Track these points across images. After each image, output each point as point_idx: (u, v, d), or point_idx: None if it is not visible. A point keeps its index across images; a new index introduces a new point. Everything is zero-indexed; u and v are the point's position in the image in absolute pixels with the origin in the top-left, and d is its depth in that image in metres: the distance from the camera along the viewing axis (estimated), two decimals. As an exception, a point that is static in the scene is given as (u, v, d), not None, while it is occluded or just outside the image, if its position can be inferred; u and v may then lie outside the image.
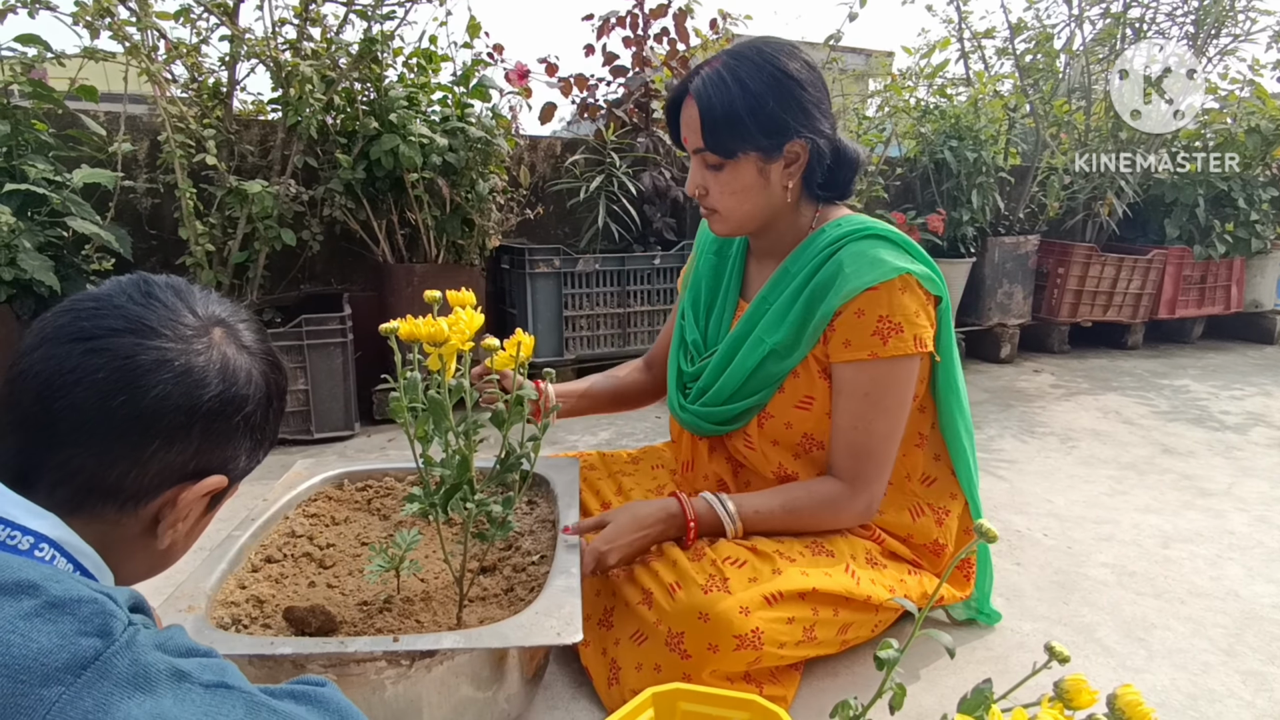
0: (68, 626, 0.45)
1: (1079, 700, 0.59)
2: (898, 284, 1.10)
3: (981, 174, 3.32)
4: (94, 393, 0.55)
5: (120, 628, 0.47)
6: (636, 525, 1.11)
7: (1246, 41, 3.85)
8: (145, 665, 0.45)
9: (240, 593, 1.03)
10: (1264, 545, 1.67)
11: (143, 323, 0.58)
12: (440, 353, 0.95)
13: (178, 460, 0.58)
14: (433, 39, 2.39)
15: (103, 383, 0.55)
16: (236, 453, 0.63)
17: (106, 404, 0.55)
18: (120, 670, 0.44)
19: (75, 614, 0.46)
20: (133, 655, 0.45)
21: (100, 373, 0.55)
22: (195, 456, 0.59)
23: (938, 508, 1.25)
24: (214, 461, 0.61)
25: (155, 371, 0.56)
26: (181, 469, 0.59)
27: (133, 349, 0.56)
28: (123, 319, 0.58)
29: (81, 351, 0.56)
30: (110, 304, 0.58)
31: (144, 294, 0.60)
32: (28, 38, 1.90)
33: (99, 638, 0.45)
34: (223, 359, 0.61)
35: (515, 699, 1.00)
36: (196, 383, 0.58)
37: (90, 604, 0.47)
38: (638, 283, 2.79)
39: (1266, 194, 3.76)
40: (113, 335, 0.57)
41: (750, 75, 1.09)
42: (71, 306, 0.58)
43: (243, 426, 0.62)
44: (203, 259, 2.11)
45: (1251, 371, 3.44)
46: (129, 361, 0.56)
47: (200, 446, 0.59)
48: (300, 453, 2.18)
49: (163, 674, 0.46)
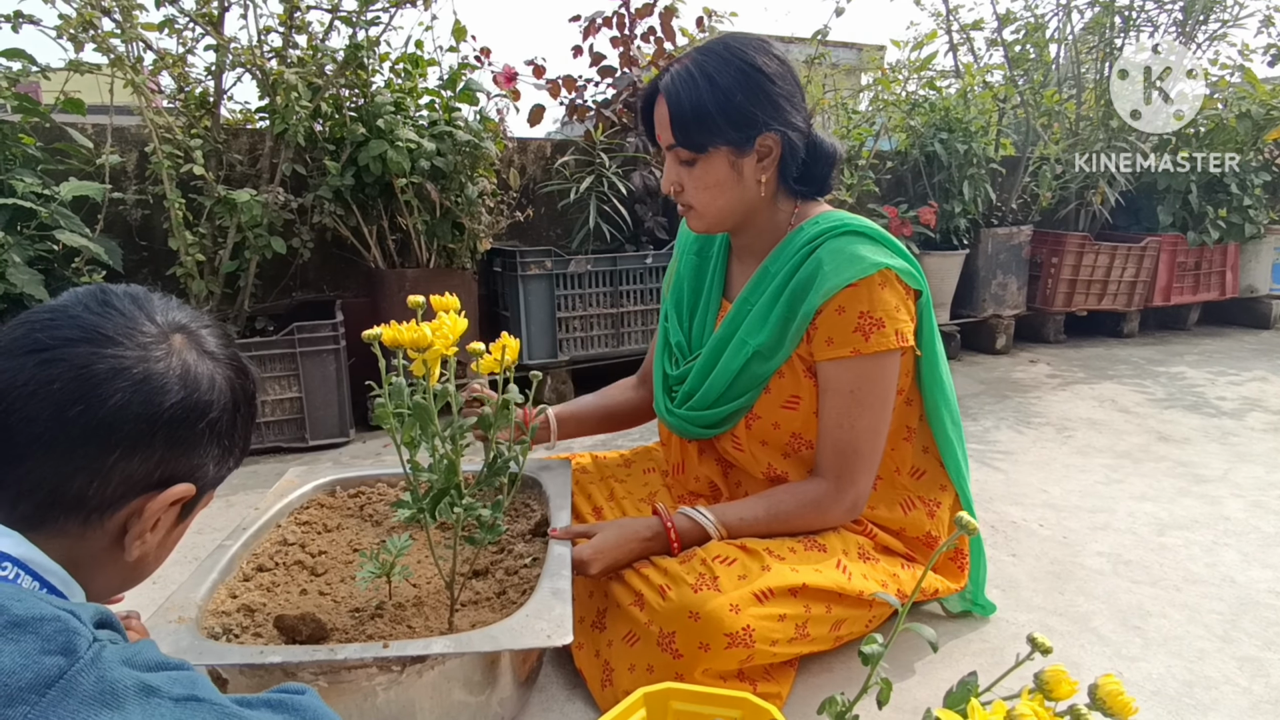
0: (30, 645, 0.45)
1: (1059, 691, 0.59)
2: (877, 279, 1.10)
3: (973, 165, 3.32)
4: (50, 404, 0.54)
5: (85, 645, 0.46)
6: (621, 540, 1.11)
7: (1235, 27, 3.85)
8: (111, 682, 0.45)
9: (231, 602, 1.02)
10: (1260, 530, 1.67)
11: (99, 331, 0.57)
12: (424, 358, 0.95)
13: (140, 470, 0.58)
14: (418, 43, 2.38)
15: (58, 394, 0.54)
16: (204, 460, 0.62)
17: (63, 415, 0.54)
18: (86, 688, 0.44)
19: (38, 632, 0.45)
20: (98, 672, 0.45)
21: (56, 384, 0.54)
22: (159, 465, 0.58)
23: (929, 500, 1.25)
24: (180, 470, 0.60)
25: (112, 380, 0.55)
26: (145, 478, 0.58)
27: (88, 358, 0.55)
28: (78, 329, 0.57)
29: (36, 363, 0.55)
30: (65, 314, 0.57)
31: (101, 303, 0.59)
32: (12, 52, 1.90)
33: (62, 655, 0.45)
34: (183, 366, 0.60)
35: (509, 702, 1.00)
36: (156, 390, 0.57)
37: (53, 622, 0.46)
38: (630, 282, 2.78)
39: (1259, 179, 3.76)
40: (68, 345, 0.56)
41: (718, 70, 1.09)
42: (26, 319, 0.58)
43: (208, 433, 0.61)
44: (193, 269, 2.11)
45: (1248, 357, 3.44)
46: (84, 371, 0.55)
47: (164, 455, 0.58)
48: (295, 460, 2.18)
49: (130, 690, 0.46)
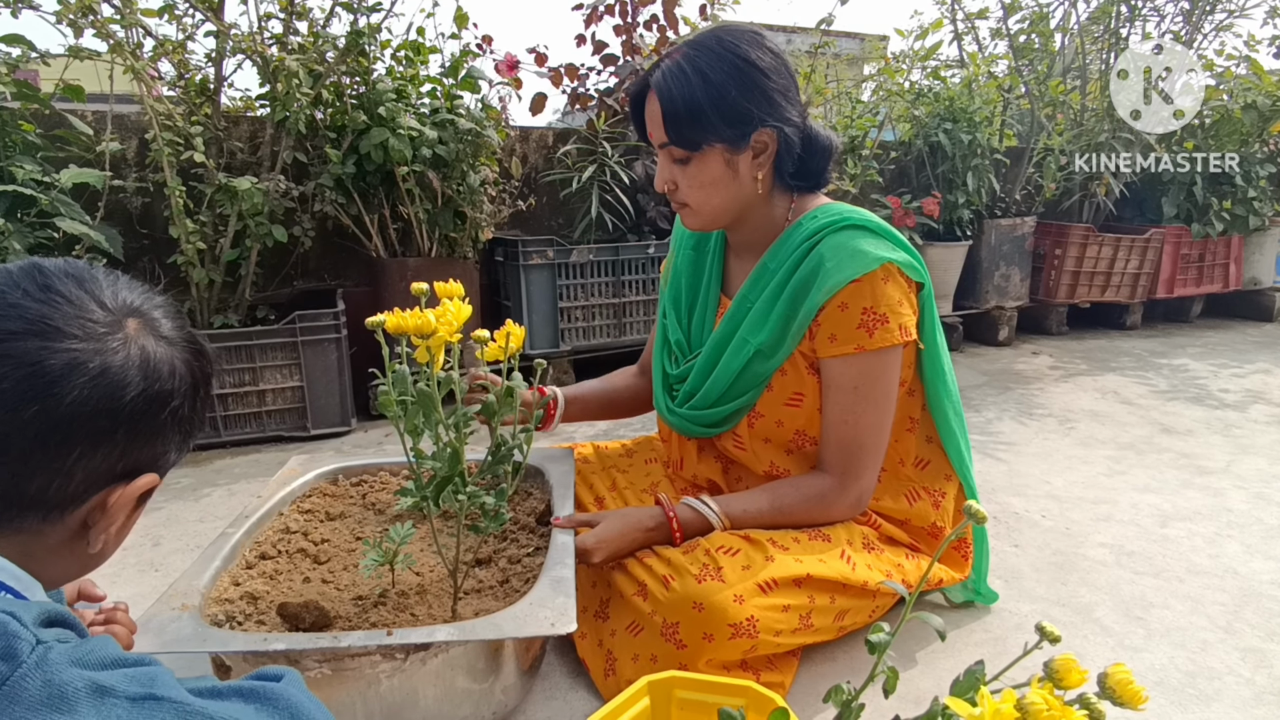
0: None
1: (1069, 680, 0.58)
2: (880, 274, 1.09)
3: (977, 156, 3.30)
4: (0, 405, 0.50)
5: (27, 648, 0.44)
6: (624, 530, 1.11)
7: (1242, 17, 3.83)
8: (60, 684, 0.43)
9: (234, 589, 1.02)
10: (1263, 522, 1.67)
11: (46, 322, 0.52)
12: (428, 345, 0.94)
13: (104, 465, 0.55)
14: (420, 31, 2.37)
15: (9, 394, 0.50)
16: (166, 448, 0.59)
17: (17, 417, 0.50)
18: (31, 692, 0.42)
19: None
20: (44, 675, 0.43)
21: (4, 383, 0.50)
22: (123, 458, 0.56)
23: (933, 490, 1.25)
24: (143, 460, 0.58)
25: (68, 376, 0.51)
26: (109, 472, 0.55)
27: (39, 354, 0.51)
28: (21, 320, 0.51)
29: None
30: (4, 302, 0.52)
31: (42, 288, 0.53)
32: (12, 38, 1.89)
33: (3, 661, 0.43)
34: (142, 354, 0.56)
35: (512, 690, 1.00)
36: (116, 383, 0.53)
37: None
38: (632, 272, 2.78)
39: (1264, 170, 3.74)
40: (12, 339, 0.51)
41: (710, 65, 1.06)
42: None
43: (170, 421, 0.58)
44: (194, 257, 2.10)
45: (1251, 349, 3.43)
46: (36, 369, 0.51)
47: (127, 448, 0.56)
48: (296, 449, 2.18)
49: (81, 691, 0.44)
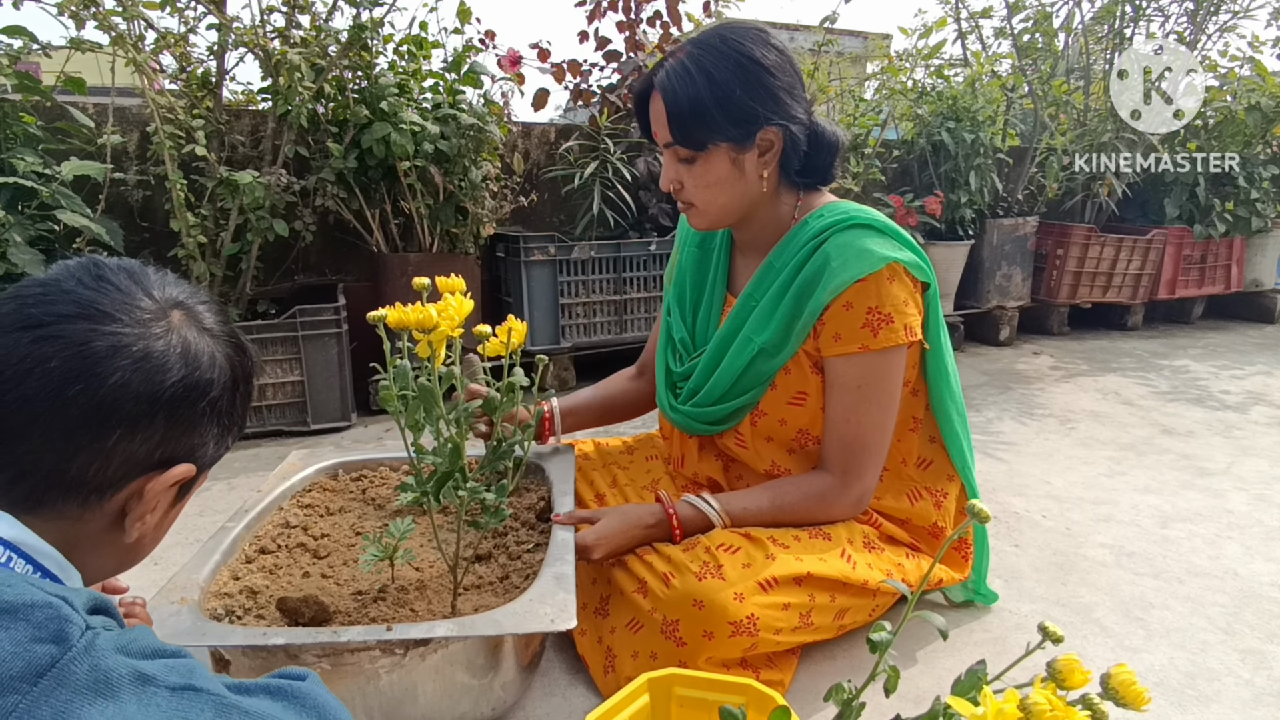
0: (21, 633, 0.43)
1: (1072, 680, 0.58)
2: (885, 274, 1.09)
3: (979, 155, 3.29)
4: (47, 383, 0.52)
5: (77, 632, 0.45)
6: (625, 527, 1.11)
7: (1246, 18, 3.82)
8: (106, 670, 0.44)
9: (234, 584, 1.02)
10: (1263, 524, 1.67)
11: (95, 307, 0.55)
12: (429, 339, 0.94)
13: (142, 450, 0.56)
14: (423, 25, 2.36)
15: (56, 372, 0.52)
16: (204, 440, 0.61)
17: (62, 394, 0.52)
18: (79, 676, 0.43)
19: (29, 619, 0.44)
20: (92, 660, 0.44)
21: (52, 361, 0.52)
22: (160, 445, 0.57)
23: (935, 490, 1.25)
24: (180, 450, 0.59)
25: (112, 358, 0.54)
26: (147, 459, 0.57)
27: (86, 335, 0.53)
28: (74, 304, 0.54)
29: (31, 340, 0.53)
30: (59, 289, 0.55)
31: (95, 277, 0.57)
32: (13, 29, 1.88)
33: (54, 644, 0.44)
34: (184, 343, 0.58)
35: (511, 686, 1.00)
36: (157, 368, 0.56)
37: (44, 608, 0.45)
38: (634, 269, 2.77)
39: (1267, 172, 3.73)
40: (63, 321, 0.54)
41: (715, 64, 1.06)
42: (16, 293, 0.55)
43: (209, 412, 0.60)
44: (195, 251, 2.10)
45: (1252, 351, 3.42)
46: (83, 348, 0.53)
47: (165, 435, 0.57)
48: (296, 443, 2.17)
49: (125, 678, 0.44)
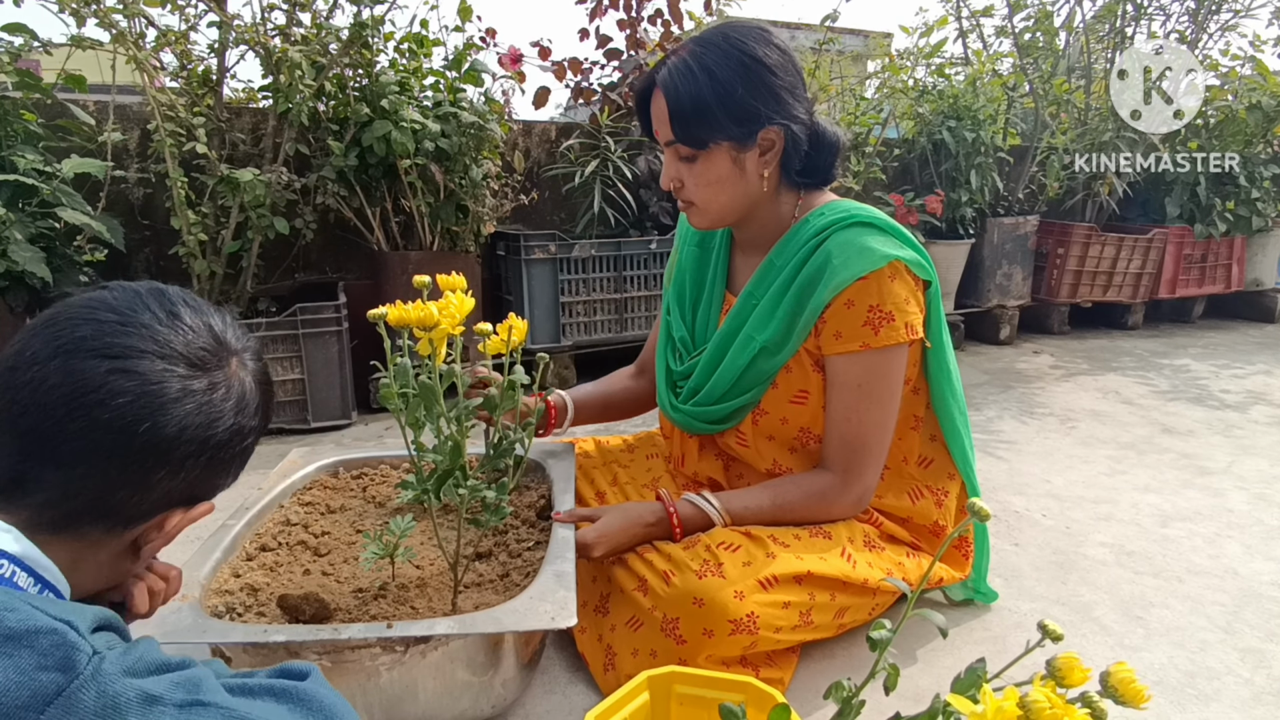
0: (26, 661, 0.43)
1: (1071, 678, 0.58)
2: (887, 272, 1.09)
3: (980, 154, 3.29)
4: (118, 417, 0.53)
5: (84, 659, 0.44)
6: (625, 525, 1.11)
7: (1247, 17, 3.81)
8: (113, 696, 0.44)
9: (234, 581, 1.02)
10: (1263, 523, 1.67)
11: (171, 347, 0.56)
12: (430, 337, 0.94)
13: (180, 488, 0.58)
14: (424, 23, 2.36)
15: (127, 408, 0.54)
16: (228, 478, 0.63)
17: (128, 430, 0.54)
18: (87, 705, 0.43)
19: (34, 647, 0.43)
20: (99, 687, 0.44)
21: (125, 396, 0.53)
22: (195, 484, 0.59)
23: (936, 489, 1.25)
24: (207, 489, 0.61)
25: (180, 401, 0.56)
26: (180, 495, 0.59)
27: (161, 375, 0.55)
28: (151, 340, 0.56)
29: (108, 370, 0.54)
30: (136, 321, 0.56)
31: (169, 314, 0.58)
32: (14, 26, 1.88)
33: (60, 672, 0.43)
34: (241, 391, 0.61)
35: (511, 684, 1.00)
36: (216, 416, 0.58)
37: (49, 635, 0.44)
38: (634, 268, 2.77)
39: (1268, 171, 3.73)
40: (140, 357, 0.55)
41: (717, 63, 1.06)
42: (91, 316, 0.56)
43: (241, 455, 0.63)
44: (196, 248, 2.10)
45: (1252, 350, 3.42)
46: (157, 389, 0.55)
47: (203, 475, 0.59)
48: (297, 441, 2.17)
49: (133, 702, 0.44)
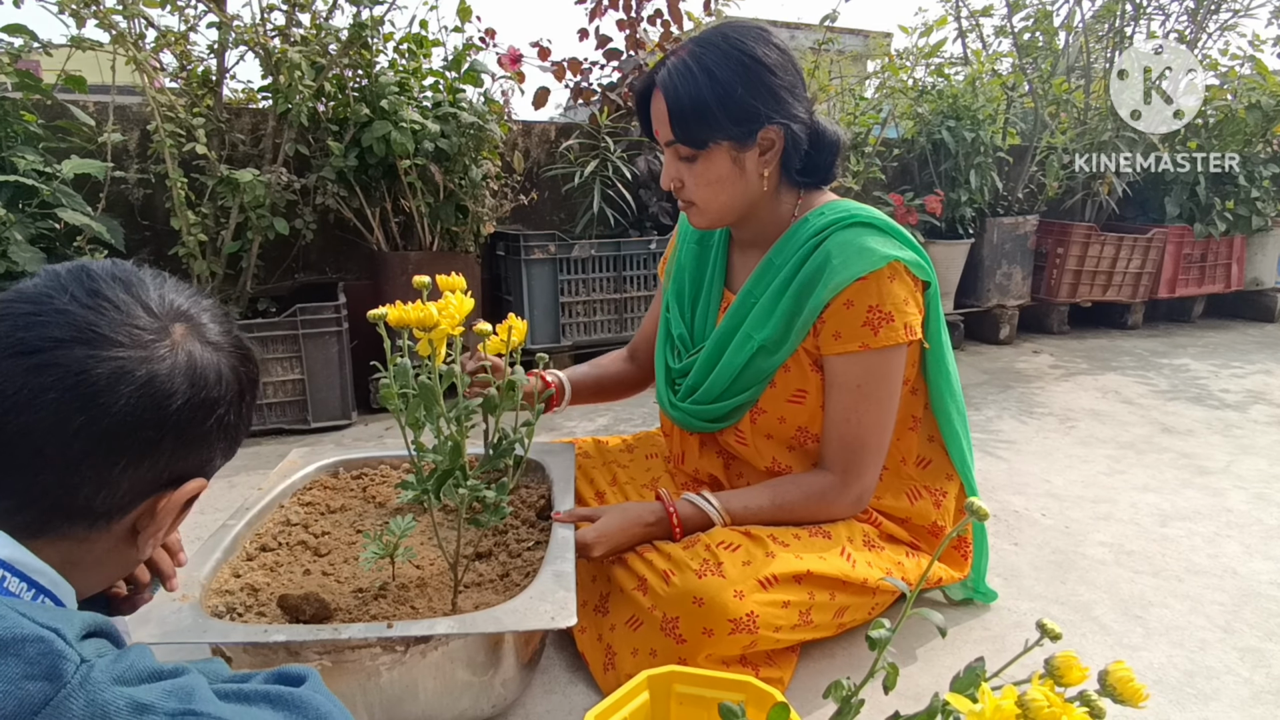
0: (13, 670, 0.42)
1: (1070, 677, 0.58)
2: (886, 273, 1.09)
3: (980, 154, 3.29)
4: (48, 415, 0.49)
5: (71, 668, 0.43)
6: (625, 524, 1.11)
7: (1247, 17, 3.82)
8: (103, 705, 0.43)
9: (235, 581, 1.03)
10: (1262, 523, 1.67)
11: (93, 330, 0.51)
12: (430, 338, 0.94)
13: (150, 474, 0.54)
14: (423, 23, 2.36)
15: (56, 404, 0.49)
16: (212, 454, 0.59)
17: (63, 427, 0.49)
18: (75, 713, 0.42)
19: (20, 655, 0.42)
20: (87, 696, 0.42)
21: (51, 393, 0.49)
22: (169, 466, 0.55)
23: (934, 489, 1.25)
24: (190, 467, 0.57)
25: (114, 386, 0.50)
26: (155, 480, 0.55)
27: (85, 362, 0.50)
28: (69, 326, 0.50)
29: (26, 369, 0.49)
30: (51, 308, 0.51)
31: (89, 293, 0.52)
32: (14, 27, 1.88)
33: (48, 680, 0.42)
34: (189, 361, 0.54)
35: (511, 683, 1.01)
36: (163, 393, 0.52)
37: (35, 643, 0.43)
38: (634, 268, 2.78)
39: (1267, 171, 3.73)
40: (59, 347, 0.49)
41: (717, 63, 1.06)
42: (7, 312, 0.51)
43: (217, 428, 0.58)
44: (195, 249, 2.10)
45: (1252, 349, 3.43)
46: (83, 377, 0.49)
47: (174, 456, 0.55)
48: (297, 442, 2.18)
49: (123, 710, 0.43)
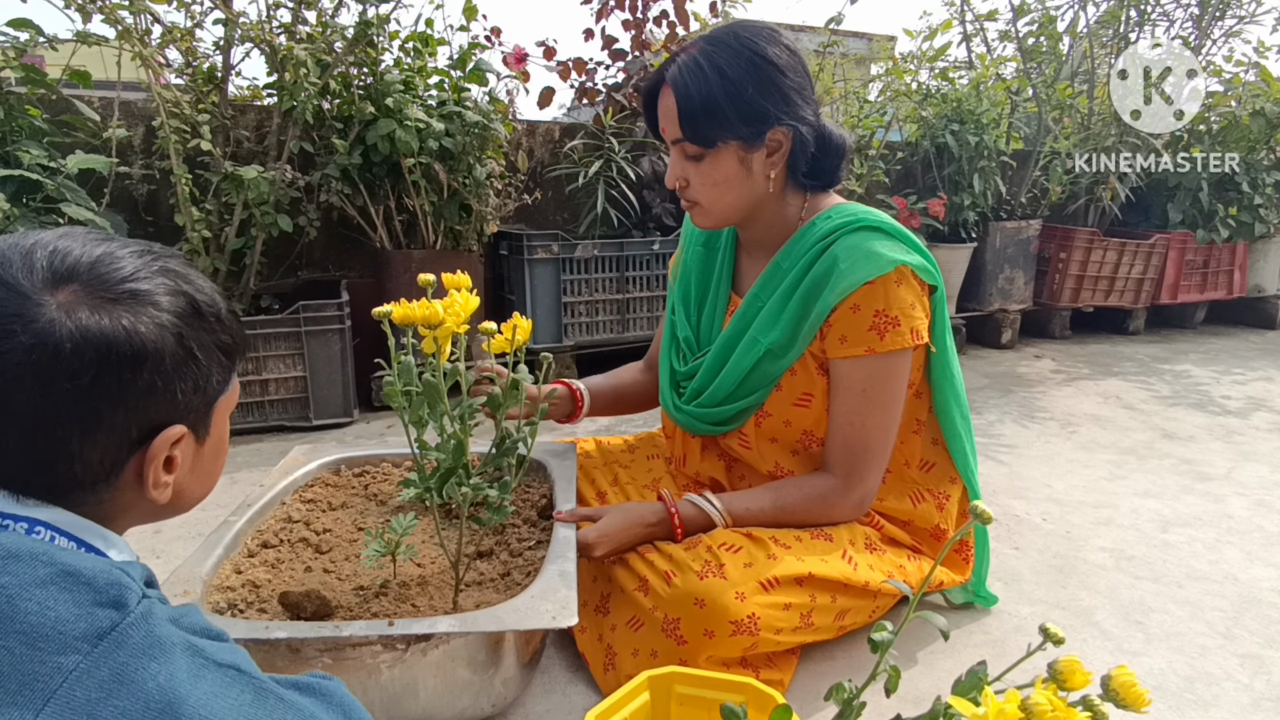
0: (84, 596, 0.45)
1: (1073, 681, 0.58)
2: (893, 277, 1.09)
3: (983, 158, 3.29)
4: None
5: (135, 600, 0.46)
6: (626, 525, 1.11)
7: (1252, 23, 3.81)
8: (160, 638, 0.46)
9: (236, 577, 1.03)
10: (1263, 529, 1.67)
11: None
12: (435, 336, 0.94)
13: (108, 441, 0.51)
14: (429, 22, 2.37)
15: None
16: (174, 399, 0.53)
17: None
18: (136, 641, 0.45)
19: (91, 584, 0.45)
20: (148, 627, 0.46)
21: None
22: (127, 429, 0.51)
23: (937, 493, 1.25)
24: (155, 419, 0.53)
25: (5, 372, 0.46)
26: (121, 443, 0.52)
27: None
28: None
29: None
30: None
31: None
32: (20, 22, 1.88)
33: (114, 609, 0.45)
34: (78, 331, 0.48)
35: (511, 683, 1.01)
36: (64, 371, 0.47)
37: (105, 574, 0.46)
38: (636, 269, 2.77)
39: (1270, 177, 3.73)
40: None
41: (728, 62, 1.05)
42: None
43: (164, 377, 0.52)
44: (199, 246, 2.10)
45: (1253, 356, 3.42)
46: None
47: (125, 420, 0.51)
48: (299, 439, 2.18)
49: (178, 647, 0.46)
